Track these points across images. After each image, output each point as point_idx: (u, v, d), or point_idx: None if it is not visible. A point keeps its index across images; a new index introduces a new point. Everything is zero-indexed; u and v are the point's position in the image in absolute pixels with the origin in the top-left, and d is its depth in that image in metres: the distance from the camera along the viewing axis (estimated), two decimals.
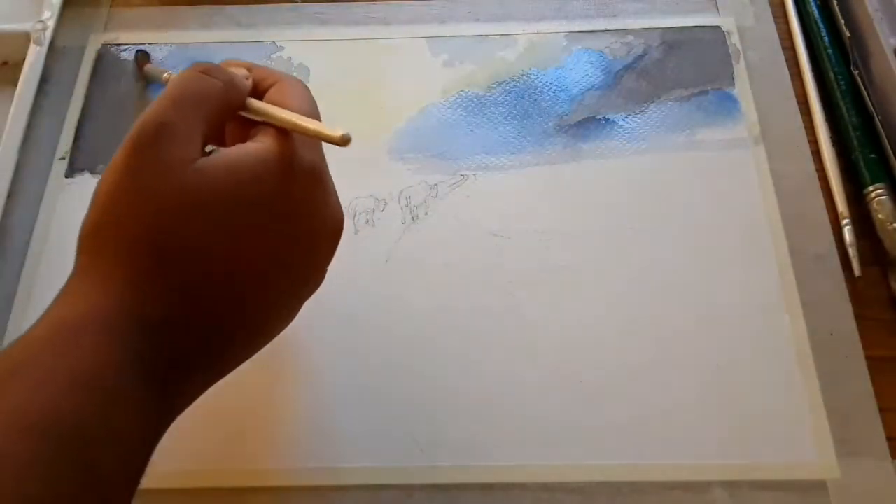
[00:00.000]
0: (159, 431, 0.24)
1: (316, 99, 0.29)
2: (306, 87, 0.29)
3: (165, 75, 0.39)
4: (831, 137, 0.41)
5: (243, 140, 0.27)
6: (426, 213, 0.40)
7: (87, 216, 0.24)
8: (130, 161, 0.24)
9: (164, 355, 0.23)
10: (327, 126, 0.25)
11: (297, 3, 0.48)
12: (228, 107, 0.27)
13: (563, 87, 0.44)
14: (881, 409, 0.34)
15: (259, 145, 0.26)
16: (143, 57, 0.45)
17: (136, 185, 0.24)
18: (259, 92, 0.29)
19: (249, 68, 0.29)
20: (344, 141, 0.24)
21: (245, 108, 0.28)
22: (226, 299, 0.25)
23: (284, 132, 0.26)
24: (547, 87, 0.44)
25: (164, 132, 0.24)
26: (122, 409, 0.22)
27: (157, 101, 0.25)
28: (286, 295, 0.27)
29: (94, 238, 0.24)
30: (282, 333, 0.28)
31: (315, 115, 0.28)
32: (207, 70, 0.26)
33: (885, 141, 0.40)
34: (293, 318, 0.28)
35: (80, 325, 0.22)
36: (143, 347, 0.23)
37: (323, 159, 0.28)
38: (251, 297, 0.26)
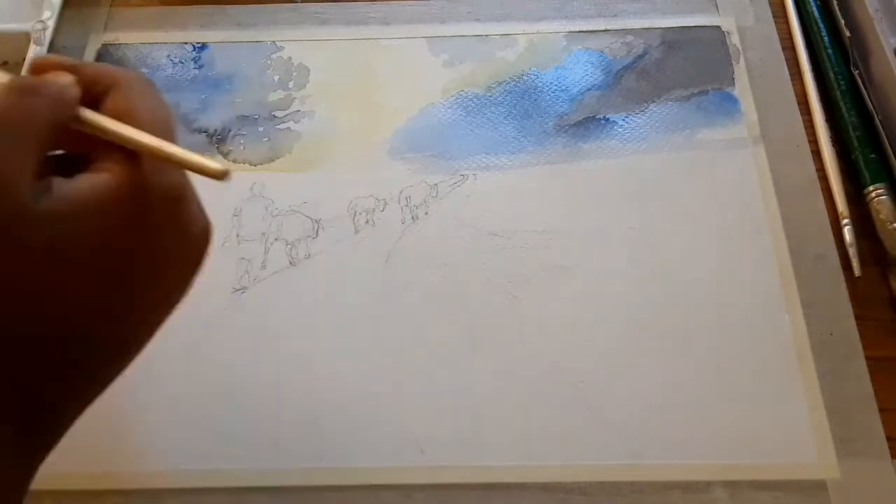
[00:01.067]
0: (35, 466, 0.23)
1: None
2: (153, 85, 0.24)
3: None
4: (831, 137, 0.41)
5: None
6: (426, 213, 0.40)
7: None
8: None
9: (19, 402, 0.22)
10: (201, 157, 0.21)
11: (297, 3, 0.48)
12: (60, 127, 0.22)
13: (563, 87, 0.44)
14: (881, 409, 0.34)
15: (104, 176, 0.22)
16: None
17: None
18: (91, 98, 0.23)
19: (74, 69, 0.24)
20: (223, 174, 0.21)
21: (78, 121, 0.22)
22: (75, 340, 0.23)
23: (131, 154, 0.22)
24: (547, 87, 0.44)
25: None
26: None
27: None
28: (146, 319, 0.25)
29: None
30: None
31: (171, 123, 0.23)
32: (30, 89, 0.22)
33: (885, 141, 0.40)
34: (159, 329, 0.26)
35: None
36: None
37: (182, 174, 0.23)
38: (107, 332, 0.24)
